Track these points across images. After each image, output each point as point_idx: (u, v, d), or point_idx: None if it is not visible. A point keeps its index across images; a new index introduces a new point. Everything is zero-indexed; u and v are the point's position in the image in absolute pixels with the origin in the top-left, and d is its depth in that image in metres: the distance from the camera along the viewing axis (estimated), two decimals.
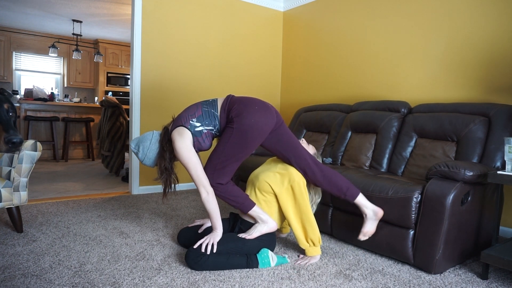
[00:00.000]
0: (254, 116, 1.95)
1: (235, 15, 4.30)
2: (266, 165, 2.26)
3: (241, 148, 1.97)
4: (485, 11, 2.74)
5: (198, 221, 2.30)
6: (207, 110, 2.04)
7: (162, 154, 2.03)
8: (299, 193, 2.04)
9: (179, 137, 1.96)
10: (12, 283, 1.67)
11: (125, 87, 8.42)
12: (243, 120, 1.94)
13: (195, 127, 2.00)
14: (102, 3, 5.62)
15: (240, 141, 1.96)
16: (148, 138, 2.07)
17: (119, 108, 4.66)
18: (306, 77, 4.31)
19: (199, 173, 1.94)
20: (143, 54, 3.68)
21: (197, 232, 2.19)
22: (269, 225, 2.04)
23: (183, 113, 2.05)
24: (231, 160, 1.99)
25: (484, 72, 2.74)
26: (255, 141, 1.99)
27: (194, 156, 1.95)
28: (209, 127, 2.03)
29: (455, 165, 1.93)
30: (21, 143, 1.52)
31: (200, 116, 2.02)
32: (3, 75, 7.40)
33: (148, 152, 2.05)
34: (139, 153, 2.07)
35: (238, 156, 1.99)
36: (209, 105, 2.06)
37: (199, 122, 2.01)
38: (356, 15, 3.71)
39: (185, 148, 1.94)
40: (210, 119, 2.02)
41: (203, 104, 2.07)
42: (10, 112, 1.61)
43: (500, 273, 1.99)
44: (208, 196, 1.94)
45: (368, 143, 2.92)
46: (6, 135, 1.48)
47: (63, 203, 3.19)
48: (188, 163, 1.93)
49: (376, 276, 1.91)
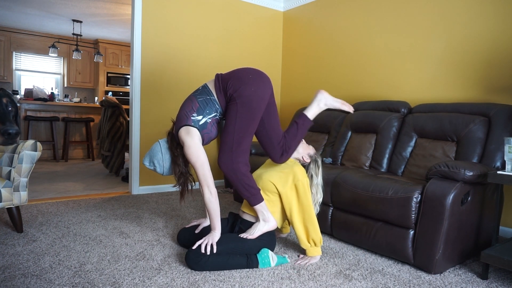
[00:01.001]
0: (252, 85, 1.94)
1: (235, 15, 4.30)
2: (269, 165, 2.27)
3: (250, 119, 1.96)
4: (485, 11, 2.74)
5: (195, 221, 2.30)
6: (203, 99, 2.00)
7: (175, 160, 2.02)
8: (302, 192, 2.05)
9: (188, 136, 1.94)
10: (12, 283, 1.67)
11: (125, 87, 8.42)
12: (243, 93, 1.92)
13: (198, 121, 1.98)
14: (102, 3, 5.62)
15: (247, 113, 1.94)
16: (158, 150, 2.05)
17: (119, 108, 4.66)
18: (306, 77, 4.31)
19: (205, 172, 1.94)
20: (143, 54, 3.68)
21: (195, 233, 2.19)
22: (269, 224, 2.04)
23: (181, 112, 2.02)
24: (244, 134, 1.96)
25: (484, 72, 2.74)
26: (260, 109, 1.99)
27: (202, 154, 1.94)
28: (212, 115, 2.01)
29: (455, 165, 1.93)
30: (17, 134, 1.53)
31: (199, 108, 1.99)
32: (3, 75, 7.40)
33: (164, 163, 2.04)
34: (157, 167, 2.05)
35: (249, 129, 1.97)
36: (202, 93, 2.03)
37: (200, 114, 1.98)
38: (356, 16, 3.71)
39: (194, 146, 1.92)
40: (210, 106, 2.00)
41: (196, 95, 2.04)
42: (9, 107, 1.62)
43: (500, 273, 1.99)
44: (211, 196, 1.94)
45: (368, 143, 2.92)
46: (2, 126, 1.50)
47: (63, 203, 3.19)
48: (197, 161, 1.92)
49: (376, 276, 1.91)
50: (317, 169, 2.21)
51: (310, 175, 2.19)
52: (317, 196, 2.19)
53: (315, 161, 2.23)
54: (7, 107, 1.60)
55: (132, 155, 3.71)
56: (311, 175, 2.20)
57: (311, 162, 2.23)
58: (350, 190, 2.29)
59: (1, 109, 1.56)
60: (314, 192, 2.19)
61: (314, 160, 2.24)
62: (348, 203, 2.32)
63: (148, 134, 3.75)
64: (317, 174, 2.20)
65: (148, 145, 3.74)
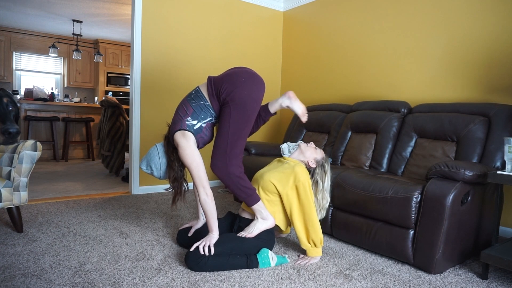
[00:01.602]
0: (245, 88, 1.93)
1: (235, 15, 4.30)
2: (272, 165, 2.27)
3: (243, 122, 1.96)
4: (485, 11, 2.74)
5: (187, 224, 2.30)
6: (197, 105, 2.01)
7: (170, 164, 2.03)
8: (303, 193, 2.04)
9: (182, 139, 1.95)
10: (12, 283, 1.67)
11: (125, 87, 8.42)
12: (236, 96, 1.92)
13: (193, 125, 1.99)
14: (102, 3, 5.62)
15: (241, 116, 1.94)
16: (156, 154, 2.05)
17: (119, 108, 4.66)
18: (306, 77, 4.31)
19: (201, 174, 1.94)
20: (143, 54, 3.68)
21: (192, 234, 2.19)
22: (268, 222, 2.04)
23: (176, 117, 2.03)
24: (238, 137, 1.96)
25: (484, 72, 2.74)
26: (254, 111, 1.98)
27: (197, 157, 1.95)
28: (207, 119, 2.02)
29: (455, 165, 1.93)
30: (17, 133, 1.54)
31: (193, 113, 1.99)
32: (3, 75, 7.41)
33: (161, 166, 2.05)
34: (154, 171, 2.05)
35: (243, 132, 1.97)
36: (195, 98, 2.02)
37: (194, 119, 1.99)
38: (356, 16, 3.71)
39: (188, 148, 1.93)
40: (204, 112, 2.00)
41: (189, 100, 2.03)
42: (10, 107, 1.63)
43: (500, 273, 1.99)
44: (207, 198, 1.94)
45: (368, 143, 2.92)
46: (2, 125, 1.51)
47: (63, 203, 3.19)
48: (192, 163, 1.93)
49: (376, 276, 1.91)
50: (323, 175, 2.18)
51: (315, 181, 2.16)
52: (322, 202, 2.16)
53: (322, 166, 2.20)
54: (7, 107, 1.61)
55: (132, 155, 3.71)
56: (316, 181, 2.16)
57: (317, 167, 2.20)
58: (350, 190, 2.29)
59: (1, 109, 1.57)
60: (320, 198, 2.16)
61: (320, 165, 2.20)
62: (348, 203, 2.32)
63: (148, 134, 3.75)
64: (323, 180, 2.17)
65: (148, 145, 3.74)
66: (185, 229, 2.26)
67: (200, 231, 2.16)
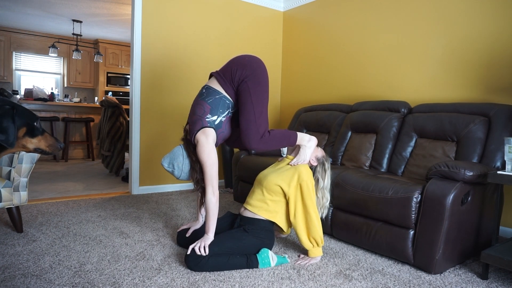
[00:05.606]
0: (253, 64, 2.03)
1: (235, 15, 4.30)
2: (275, 166, 2.28)
3: (262, 92, 2.03)
4: (485, 11, 2.74)
5: (184, 226, 2.31)
6: (212, 100, 2.02)
7: (193, 166, 2.04)
8: (306, 192, 2.04)
9: (203, 136, 1.97)
10: (12, 283, 1.67)
11: (125, 87, 8.42)
12: (248, 73, 2.00)
13: (214, 121, 2.01)
14: (102, 3, 5.62)
15: (259, 87, 2.01)
16: (180, 154, 2.06)
17: (119, 108, 4.66)
18: (306, 77, 4.31)
19: (213, 173, 1.96)
20: (143, 54, 3.68)
21: (190, 234, 2.19)
22: (311, 141, 2.19)
23: (194, 117, 2.03)
24: (262, 106, 2.03)
25: (484, 72, 2.74)
26: (267, 81, 2.08)
27: (214, 155, 1.97)
28: (226, 113, 2.05)
29: (455, 165, 1.93)
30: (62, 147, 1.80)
31: (211, 109, 2.01)
32: (3, 75, 7.41)
33: (184, 167, 2.06)
34: (175, 170, 2.06)
35: (265, 101, 2.05)
36: (208, 95, 2.04)
37: (214, 115, 2.01)
38: (356, 15, 3.71)
39: (207, 146, 1.96)
40: (222, 105, 2.03)
41: (203, 99, 2.04)
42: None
43: (500, 273, 1.99)
44: (213, 197, 1.96)
45: (368, 143, 2.92)
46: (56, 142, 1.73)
47: (63, 203, 3.19)
48: (207, 160, 1.95)
49: (376, 276, 1.91)
50: (323, 173, 2.19)
51: (316, 179, 2.17)
52: (322, 200, 2.17)
53: (322, 164, 2.21)
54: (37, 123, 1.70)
55: (132, 155, 3.71)
56: (317, 179, 2.18)
57: (318, 165, 2.21)
58: (350, 190, 2.29)
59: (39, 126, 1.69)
60: (320, 197, 2.16)
61: (321, 163, 2.22)
62: (348, 203, 2.32)
63: (148, 134, 3.75)
64: (323, 178, 2.18)
65: (148, 145, 3.74)
66: (185, 230, 2.26)
67: (198, 232, 2.16)
